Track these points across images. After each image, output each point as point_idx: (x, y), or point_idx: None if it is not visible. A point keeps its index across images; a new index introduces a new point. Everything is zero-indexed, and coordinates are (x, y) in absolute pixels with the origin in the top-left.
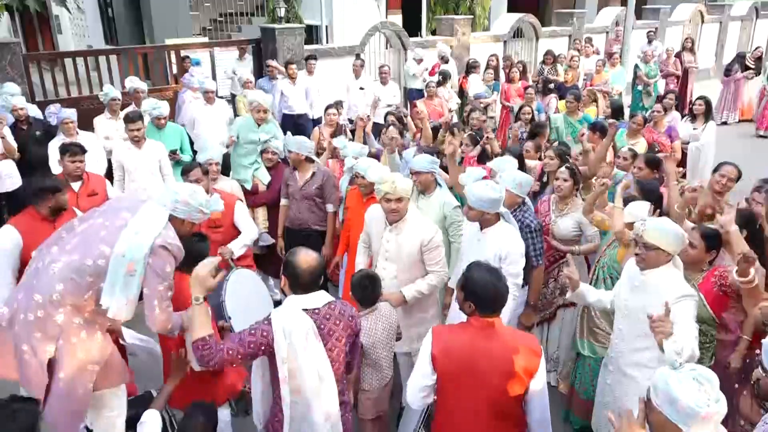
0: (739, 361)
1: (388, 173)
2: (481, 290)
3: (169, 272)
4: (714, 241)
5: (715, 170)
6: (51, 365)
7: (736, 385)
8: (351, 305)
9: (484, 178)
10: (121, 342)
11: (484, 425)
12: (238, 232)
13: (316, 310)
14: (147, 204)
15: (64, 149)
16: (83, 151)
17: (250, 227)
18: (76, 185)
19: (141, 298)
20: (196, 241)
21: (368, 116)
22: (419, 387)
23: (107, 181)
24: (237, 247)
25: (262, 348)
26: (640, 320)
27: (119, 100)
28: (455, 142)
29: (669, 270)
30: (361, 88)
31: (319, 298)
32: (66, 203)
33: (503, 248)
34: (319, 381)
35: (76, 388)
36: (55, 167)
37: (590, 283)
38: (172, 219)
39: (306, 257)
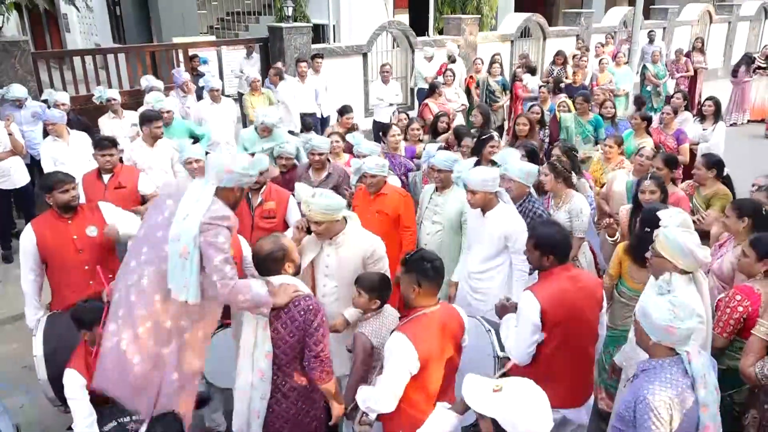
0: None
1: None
2: (557, 242)
3: (223, 243)
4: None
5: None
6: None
7: (766, 406)
8: (314, 301)
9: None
10: None
11: (589, 353)
12: (288, 226)
13: None
14: (190, 187)
15: (96, 143)
16: (114, 144)
17: None
18: (105, 177)
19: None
20: None
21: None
22: (528, 344)
23: (141, 174)
24: None
25: None
26: None
27: (116, 100)
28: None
29: (681, 284)
30: None
31: (280, 281)
32: (74, 200)
33: (507, 228)
34: (254, 347)
35: (187, 383)
36: (48, 168)
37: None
38: (221, 190)
39: (260, 242)
